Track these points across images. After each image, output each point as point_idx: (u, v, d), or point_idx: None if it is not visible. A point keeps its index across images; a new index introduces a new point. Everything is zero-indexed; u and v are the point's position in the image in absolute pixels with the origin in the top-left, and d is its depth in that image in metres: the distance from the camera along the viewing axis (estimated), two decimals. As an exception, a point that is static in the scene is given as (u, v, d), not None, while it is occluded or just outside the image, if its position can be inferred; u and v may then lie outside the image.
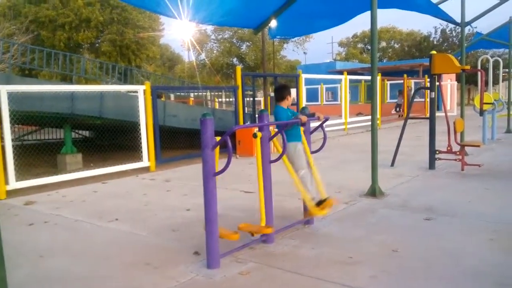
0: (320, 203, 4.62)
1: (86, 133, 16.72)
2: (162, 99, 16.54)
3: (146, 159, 9.18)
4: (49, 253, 4.33)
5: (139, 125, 9.15)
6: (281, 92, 4.78)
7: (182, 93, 23.90)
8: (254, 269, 3.68)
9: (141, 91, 9.19)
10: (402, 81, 22.38)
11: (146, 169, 9.14)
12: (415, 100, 8.80)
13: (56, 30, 31.81)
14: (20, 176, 7.48)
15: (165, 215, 5.56)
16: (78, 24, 32.01)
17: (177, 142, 11.30)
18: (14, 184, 7.19)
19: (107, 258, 4.12)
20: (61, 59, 14.64)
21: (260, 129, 4.12)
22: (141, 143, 9.15)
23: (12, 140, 7.34)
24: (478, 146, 8.21)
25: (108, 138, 13.81)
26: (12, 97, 7.30)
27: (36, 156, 10.16)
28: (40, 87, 8.55)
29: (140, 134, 9.15)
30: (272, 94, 23.24)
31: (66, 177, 8.07)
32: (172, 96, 24.48)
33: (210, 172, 3.61)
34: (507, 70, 17.27)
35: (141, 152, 9.16)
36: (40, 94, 8.62)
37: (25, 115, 9.28)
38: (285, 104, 4.76)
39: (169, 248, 4.32)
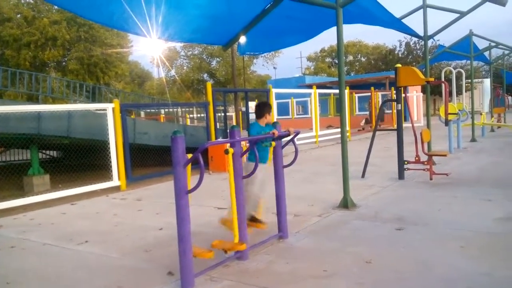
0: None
1: (53, 153, 16.32)
2: (132, 116, 16.36)
3: (116, 178, 9.03)
4: (17, 279, 4.17)
5: (109, 143, 9.01)
6: (260, 109, 4.82)
7: (152, 110, 23.69)
8: (229, 287, 3.64)
9: (110, 109, 9.07)
10: (369, 93, 22.84)
11: (116, 189, 8.98)
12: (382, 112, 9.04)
13: (21, 49, 31.13)
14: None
15: (137, 235, 5.45)
16: (44, 43, 31.43)
17: (148, 159, 11.16)
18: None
19: (77, 283, 4.00)
20: (26, 79, 14.35)
21: (232, 145, 4.12)
22: (111, 162, 8.99)
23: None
24: (445, 155, 8.43)
25: (77, 158, 13.51)
26: (-25, 118, 7.08)
27: (1, 178, 9.84)
28: (4, 108, 8.32)
29: (109, 152, 9.00)
30: (243, 109, 23.31)
31: (33, 200, 7.84)
32: (142, 113, 24.22)
33: (182, 189, 3.57)
34: (469, 80, 17.87)
35: (111, 171, 9.00)
36: (5, 115, 8.39)
37: (-11, 137, 9.00)
38: (263, 121, 4.78)
39: (142, 269, 4.23)
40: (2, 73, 13.36)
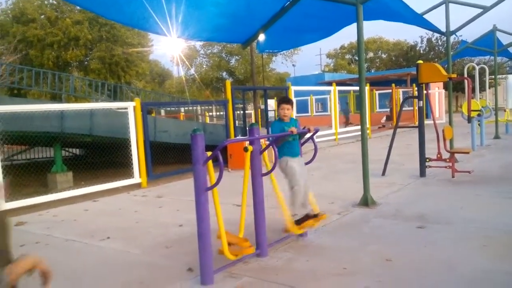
0: (299, 222, 4.59)
1: (76, 151, 16.61)
2: (153, 114, 16.53)
3: (138, 175, 9.14)
4: (41, 274, 4.26)
5: (130, 141, 9.12)
6: (278, 101, 4.84)
7: (172, 108, 23.90)
8: (248, 283, 3.65)
9: (131, 107, 9.18)
10: (390, 90, 22.58)
11: (137, 186, 9.10)
12: (404, 109, 8.87)
13: (44, 49, 31.79)
14: (10, 196, 7.40)
15: (158, 232, 5.52)
16: (67, 43, 32.03)
17: (168, 157, 11.26)
18: (4, 204, 7.08)
19: (99, 278, 4.08)
20: (50, 78, 14.61)
21: (251, 143, 4.14)
22: (132, 159, 9.11)
23: (1, 160, 7.28)
24: (468, 152, 8.28)
25: (99, 156, 13.73)
26: (1, 117, 7.26)
27: (26, 175, 10.06)
28: (29, 107, 8.51)
29: (131, 150, 9.12)
30: (262, 106, 23.30)
31: (56, 196, 8.00)
32: (162, 112, 24.46)
33: (202, 187, 3.61)
34: (493, 77, 17.51)
35: (132, 168, 9.12)
36: (30, 114, 8.58)
37: (14, 135, 9.21)
38: (280, 113, 4.75)
39: (162, 265, 4.28)
40: (26, 73, 13.65)
